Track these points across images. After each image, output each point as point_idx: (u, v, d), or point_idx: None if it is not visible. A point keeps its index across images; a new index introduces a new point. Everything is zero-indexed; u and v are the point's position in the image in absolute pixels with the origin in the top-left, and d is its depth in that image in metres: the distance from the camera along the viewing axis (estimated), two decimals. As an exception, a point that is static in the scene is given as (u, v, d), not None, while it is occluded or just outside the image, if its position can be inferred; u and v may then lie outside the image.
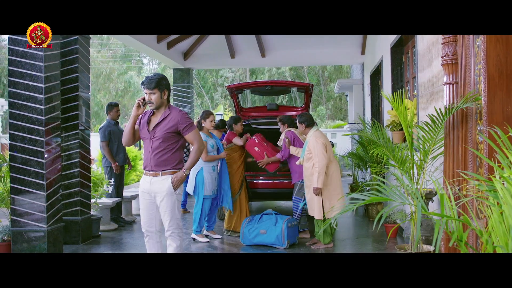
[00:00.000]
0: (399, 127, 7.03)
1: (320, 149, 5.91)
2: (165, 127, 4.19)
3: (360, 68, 13.44)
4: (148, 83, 4.15)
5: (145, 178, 4.31)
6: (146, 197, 4.33)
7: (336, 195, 6.01)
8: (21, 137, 5.62)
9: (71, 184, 6.49)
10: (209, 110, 6.85)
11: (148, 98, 4.17)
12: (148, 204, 4.34)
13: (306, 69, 30.05)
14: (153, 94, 4.16)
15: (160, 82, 4.18)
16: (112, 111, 7.71)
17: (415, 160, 4.48)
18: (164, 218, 4.28)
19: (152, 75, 4.24)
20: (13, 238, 5.67)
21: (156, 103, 4.19)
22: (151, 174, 4.24)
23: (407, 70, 7.56)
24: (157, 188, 4.22)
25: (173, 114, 4.22)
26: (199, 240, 6.58)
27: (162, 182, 4.20)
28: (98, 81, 31.56)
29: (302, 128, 6.23)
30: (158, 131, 4.20)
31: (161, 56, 10.99)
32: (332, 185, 6.02)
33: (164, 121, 4.21)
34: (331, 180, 6.00)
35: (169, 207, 4.22)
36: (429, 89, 5.36)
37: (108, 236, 6.98)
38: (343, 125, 20.17)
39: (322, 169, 5.86)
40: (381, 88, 9.90)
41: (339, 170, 6.28)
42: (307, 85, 8.16)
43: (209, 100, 31.32)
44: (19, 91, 5.60)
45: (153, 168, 4.22)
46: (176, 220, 4.28)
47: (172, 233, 4.28)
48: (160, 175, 4.22)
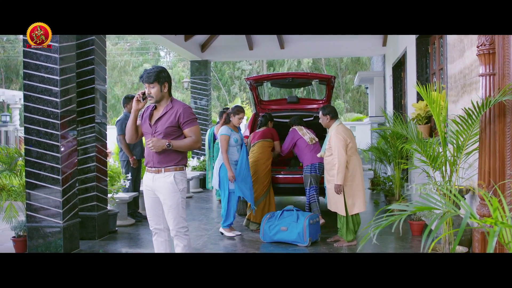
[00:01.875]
0: (425, 121, 6.78)
1: (339, 145, 5.71)
2: (167, 121, 4.00)
3: (381, 60, 13.16)
4: (146, 77, 3.97)
5: (148, 175, 4.12)
6: (150, 195, 4.15)
7: (358, 191, 5.82)
8: (36, 131, 5.48)
9: (87, 179, 6.35)
10: (241, 107, 6.68)
11: (147, 92, 3.99)
12: (152, 201, 4.16)
13: (324, 61, 29.71)
14: (153, 87, 3.98)
15: (159, 75, 3.98)
16: (129, 104, 7.55)
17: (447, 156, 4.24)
18: (168, 217, 4.08)
19: (150, 68, 4.05)
20: (29, 233, 5.55)
21: (156, 97, 4.00)
22: (154, 171, 4.06)
23: (433, 62, 7.28)
24: (160, 185, 4.03)
25: (175, 108, 4.03)
26: (226, 235, 6.45)
27: (164, 179, 4.02)
28: (113, 74, 31.59)
29: (327, 120, 6.02)
30: (160, 125, 4.01)
31: (178, 48, 10.84)
32: (354, 180, 5.81)
33: (166, 115, 4.02)
34: (354, 175, 5.79)
35: (173, 205, 4.03)
36: (460, 81, 5.10)
37: (125, 232, 6.84)
38: (362, 118, 19.85)
39: (341, 166, 5.67)
40: (404, 80, 9.62)
41: (361, 165, 6.07)
42: (329, 77, 7.94)
43: (226, 93, 31.17)
44: (34, 83, 5.46)
45: (156, 164, 4.04)
46: (181, 219, 4.07)
47: (178, 232, 4.07)
48: (163, 171, 4.02)
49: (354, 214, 5.85)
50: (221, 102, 30.93)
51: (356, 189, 5.82)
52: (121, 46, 33.54)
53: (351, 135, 5.96)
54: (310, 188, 6.80)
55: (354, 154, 5.88)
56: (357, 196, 5.81)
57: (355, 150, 5.91)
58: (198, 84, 12.41)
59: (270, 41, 12.06)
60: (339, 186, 5.69)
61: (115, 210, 6.94)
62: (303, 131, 7.10)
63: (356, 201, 5.81)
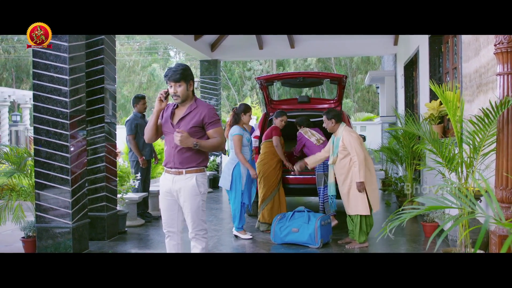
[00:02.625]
0: (438, 121, 6.68)
1: (356, 141, 5.67)
2: (191, 121, 3.86)
3: (392, 59, 13.03)
4: (173, 75, 3.80)
5: (167, 176, 3.99)
6: (167, 197, 4.01)
7: (371, 190, 5.75)
8: (45, 131, 5.44)
9: (96, 179, 6.30)
10: (248, 104, 6.64)
11: (173, 91, 3.83)
12: (169, 203, 4.02)
13: (333, 60, 29.57)
14: (179, 86, 3.82)
15: (185, 73, 3.83)
16: (138, 103, 7.51)
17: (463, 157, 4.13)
18: (187, 219, 3.96)
19: (175, 66, 3.88)
20: (38, 234, 5.52)
21: (182, 96, 3.85)
22: (174, 172, 3.92)
23: (446, 60, 7.17)
24: (181, 187, 3.90)
25: (200, 108, 3.89)
26: (241, 237, 6.37)
27: (186, 181, 3.89)
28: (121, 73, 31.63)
29: (332, 125, 5.94)
30: (183, 125, 3.86)
31: (187, 47, 10.79)
32: (367, 179, 5.73)
33: (189, 115, 3.88)
34: (366, 174, 5.71)
35: (193, 208, 3.91)
36: (475, 80, 4.99)
37: (134, 232, 6.80)
38: (372, 117, 19.71)
39: (362, 162, 5.60)
40: (416, 79, 9.51)
41: (373, 164, 6.00)
42: (341, 76, 7.84)
43: (235, 93, 31.11)
44: (44, 83, 5.42)
45: (176, 165, 3.90)
46: (200, 221, 3.96)
47: (196, 235, 3.97)
48: (184, 173, 3.89)
49: (367, 215, 5.78)
50: (230, 102, 30.88)
51: (370, 188, 5.76)
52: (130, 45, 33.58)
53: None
54: (324, 188, 6.72)
55: (366, 154, 5.83)
56: (371, 195, 5.74)
57: (365, 149, 5.86)
58: (207, 83, 12.35)
59: (280, 41, 11.98)
60: (361, 184, 5.61)
61: (125, 210, 6.91)
62: (308, 133, 7.09)
63: (372, 201, 5.75)
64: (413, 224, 7.25)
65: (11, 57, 29.60)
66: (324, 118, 6.00)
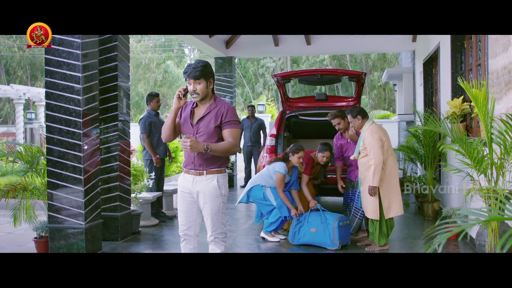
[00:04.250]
0: (460, 119, 6.45)
1: (376, 144, 5.42)
2: (212, 121, 3.71)
3: (410, 56, 12.77)
4: (192, 71, 3.63)
5: (187, 177, 3.84)
6: (186, 198, 3.86)
7: (395, 193, 5.55)
8: (58, 129, 5.33)
9: (110, 178, 6.18)
10: (300, 145, 6.17)
11: (192, 88, 3.66)
12: (188, 205, 3.87)
13: (349, 58, 29.28)
14: (199, 84, 3.66)
15: (206, 70, 3.67)
16: (152, 101, 7.38)
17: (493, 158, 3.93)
18: (207, 222, 3.82)
19: (195, 63, 3.71)
20: (51, 234, 5.42)
21: (202, 93, 3.69)
22: (194, 173, 3.77)
23: (469, 57, 6.93)
24: (201, 188, 3.75)
25: (220, 107, 3.74)
26: (268, 240, 6.17)
27: (207, 182, 3.74)
28: (138, 71, 31.62)
29: (359, 121, 5.71)
30: (203, 125, 3.72)
31: (202, 44, 10.63)
32: (391, 182, 5.53)
33: (209, 114, 3.73)
34: (390, 176, 5.51)
35: (214, 210, 3.76)
36: (504, 77, 4.77)
37: (148, 233, 6.67)
38: (389, 115, 19.42)
39: (378, 166, 5.38)
40: (435, 77, 9.27)
41: (397, 166, 5.78)
42: (360, 73, 7.65)
43: (250, 90, 30.96)
44: (56, 80, 5.31)
45: (197, 166, 3.75)
46: (220, 225, 3.81)
47: (216, 238, 3.81)
48: (205, 174, 3.74)
49: (391, 217, 5.59)
50: (244, 99, 30.74)
51: (393, 191, 5.55)
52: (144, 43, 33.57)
53: (386, 134, 5.67)
54: (351, 192, 6.35)
55: (391, 155, 5.61)
56: (394, 198, 5.54)
57: (391, 149, 5.63)
58: (222, 81, 12.19)
59: (296, 37, 11.78)
60: (373, 188, 5.41)
61: (139, 210, 6.78)
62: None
63: (392, 204, 5.54)
64: (432, 225, 7.04)
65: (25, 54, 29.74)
66: (349, 117, 5.78)
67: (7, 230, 6.87)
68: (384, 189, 5.48)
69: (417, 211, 8.14)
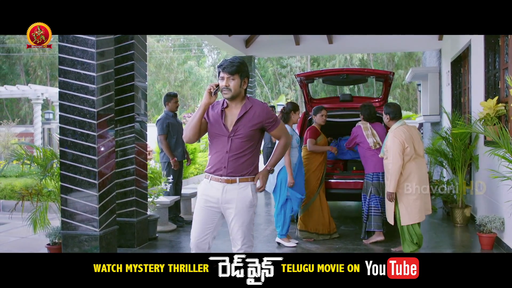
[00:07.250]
0: (494, 121, 6.08)
1: (395, 149, 5.22)
2: (250, 122, 3.45)
3: (436, 55, 12.36)
4: (229, 65, 3.39)
5: (214, 184, 3.51)
6: (210, 206, 3.53)
7: (413, 200, 5.29)
8: (71, 131, 5.10)
9: (126, 183, 5.93)
10: (296, 104, 6.17)
11: (225, 83, 3.40)
12: (210, 215, 3.54)
13: (372, 57, 28.84)
14: (233, 80, 3.41)
15: (242, 67, 3.43)
16: (170, 102, 7.13)
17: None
18: (237, 234, 3.50)
19: (232, 58, 3.48)
20: (64, 241, 5.21)
21: (234, 91, 3.42)
22: (225, 181, 3.46)
23: (504, 55, 6.55)
24: (233, 198, 3.46)
25: (256, 108, 3.49)
26: (284, 245, 5.93)
27: (239, 191, 3.46)
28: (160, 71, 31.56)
29: (387, 120, 5.60)
30: (242, 127, 3.45)
31: (221, 43, 10.40)
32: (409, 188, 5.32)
33: (246, 115, 3.46)
34: (408, 182, 5.31)
35: (246, 222, 3.48)
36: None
37: (165, 239, 6.42)
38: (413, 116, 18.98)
39: (395, 172, 5.20)
40: (464, 76, 8.87)
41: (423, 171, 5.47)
42: (387, 73, 7.37)
43: (269, 90, 30.71)
44: (70, 80, 5.08)
45: (229, 173, 3.45)
46: (250, 236, 3.54)
47: (245, 251, 3.50)
48: (238, 182, 3.46)
49: (409, 224, 5.30)
50: (263, 99, 30.52)
51: (411, 197, 5.30)
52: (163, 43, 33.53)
53: (414, 138, 5.36)
54: (371, 198, 6.08)
55: (413, 160, 5.32)
56: (412, 205, 5.29)
57: (421, 151, 5.44)
58: (242, 81, 11.96)
59: (317, 36, 11.48)
60: (391, 194, 5.28)
61: (156, 215, 6.54)
62: (368, 131, 6.16)
63: (409, 210, 5.29)
64: (464, 233, 6.68)
65: (46, 54, 29.86)
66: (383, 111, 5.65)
67: (21, 235, 6.69)
68: (400, 194, 5.33)
69: (445, 216, 7.77)
